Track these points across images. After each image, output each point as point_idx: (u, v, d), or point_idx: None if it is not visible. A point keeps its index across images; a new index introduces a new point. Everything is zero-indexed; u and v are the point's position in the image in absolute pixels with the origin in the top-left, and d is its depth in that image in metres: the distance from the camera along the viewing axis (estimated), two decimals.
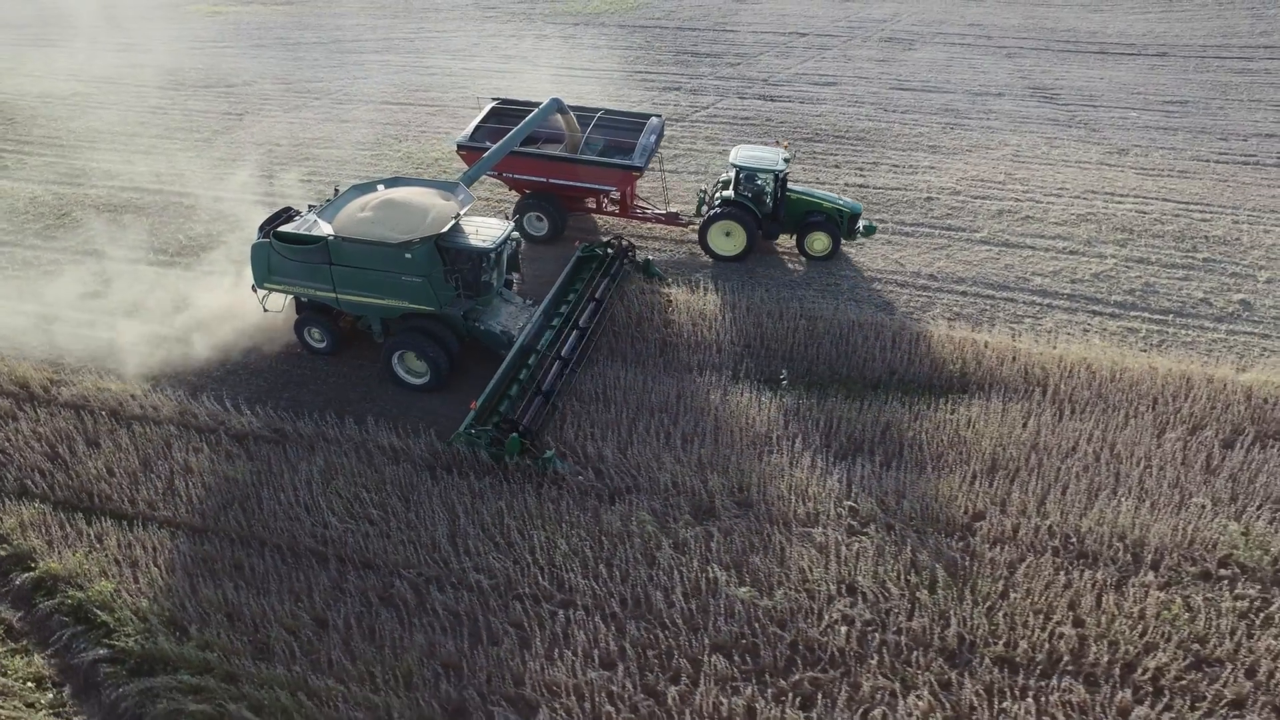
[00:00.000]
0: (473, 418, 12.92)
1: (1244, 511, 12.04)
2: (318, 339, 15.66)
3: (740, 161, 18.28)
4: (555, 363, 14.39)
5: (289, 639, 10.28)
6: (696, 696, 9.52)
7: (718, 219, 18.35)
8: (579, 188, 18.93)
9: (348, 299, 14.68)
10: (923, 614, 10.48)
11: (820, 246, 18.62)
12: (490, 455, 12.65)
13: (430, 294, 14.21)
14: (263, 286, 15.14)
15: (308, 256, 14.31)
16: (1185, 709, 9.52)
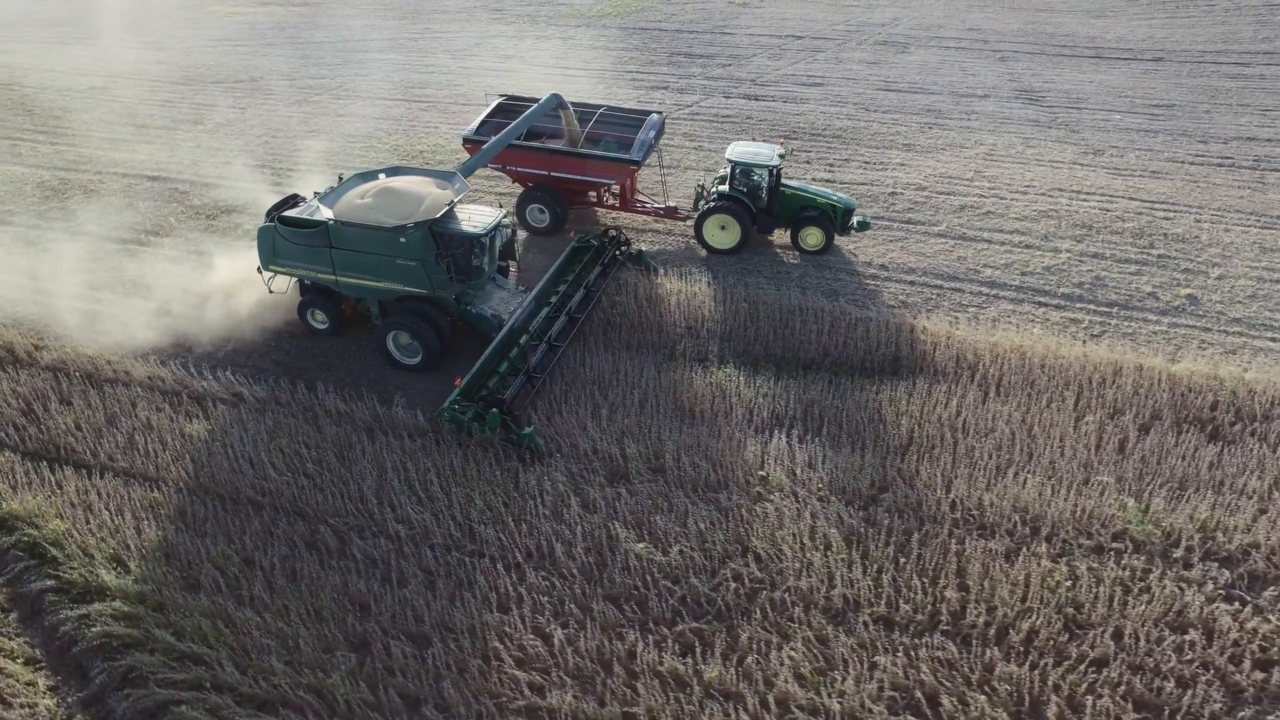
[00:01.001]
0: (457, 394, 13.49)
1: (1145, 490, 12.35)
2: (320, 321, 16.29)
3: (736, 157, 18.75)
4: (540, 345, 14.91)
5: (217, 575, 11.10)
6: (581, 639, 10.13)
7: (713, 213, 18.79)
8: (579, 180, 19.55)
9: (347, 281, 15.33)
10: (812, 575, 10.97)
11: (814, 241, 18.98)
12: (472, 430, 13.11)
13: (423, 277, 14.77)
14: (268, 269, 15.81)
15: (309, 240, 15.00)
16: (1049, 667, 9.89)
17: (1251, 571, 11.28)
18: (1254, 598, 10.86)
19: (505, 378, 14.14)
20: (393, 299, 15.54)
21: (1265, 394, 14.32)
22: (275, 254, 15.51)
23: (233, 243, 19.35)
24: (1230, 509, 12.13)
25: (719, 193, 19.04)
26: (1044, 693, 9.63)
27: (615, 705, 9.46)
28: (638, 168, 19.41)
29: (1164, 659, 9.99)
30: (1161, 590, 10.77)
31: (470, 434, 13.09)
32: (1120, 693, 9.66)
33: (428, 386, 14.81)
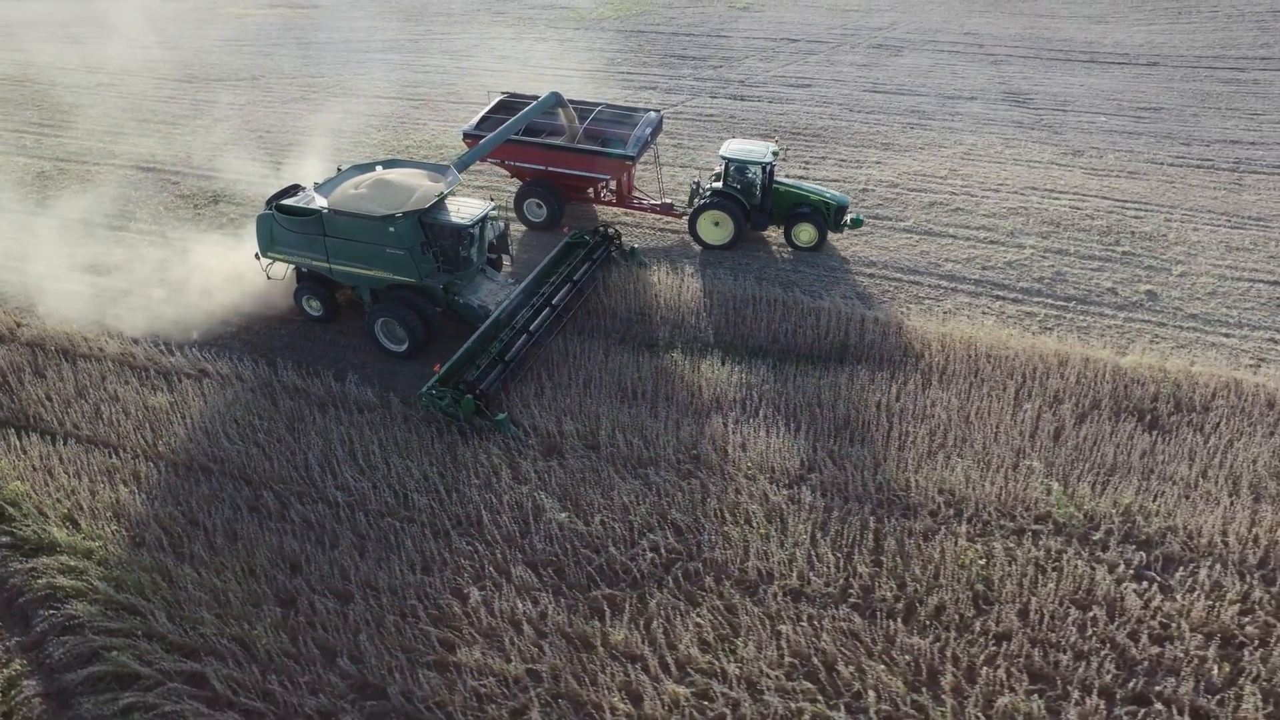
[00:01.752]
0: (436, 380, 13.70)
1: (1072, 476, 12.46)
2: (315, 308, 16.68)
3: (730, 154, 18.98)
4: (522, 336, 15.06)
5: (161, 534, 11.64)
6: (496, 600, 10.50)
7: (707, 208, 18.99)
8: (575, 175, 19.87)
9: (339, 269, 15.73)
10: (729, 548, 11.24)
11: (806, 238, 19.15)
12: (448, 414, 13.35)
13: (412, 266, 15.13)
14: (266, 255, 16.26)
15: (304, 228, 15.45)
16: (951, 640, 10.06)
17: (1167, 554, 11.36)
18: (1164, 578, 10.95)
19: (485, 366, 14.31)
20: (383, 287, 15.76)
21: (1208, 386, 14.36)
22: (273, 241, 15.99)
23: (215, 230, 20.09)
24: (1155, 495, 12.20)
25: (713, 189, 19.28)
26: (942, 664, 9.83)
27: (520, 662, 9.82)
28: (633, 163, 19.71)
29: (1065, 634, 10.14)
30: (1072, 570, 10.91)
31: (448, 417, 13.31)
32: (1017, 664, 9.83)
33: (395, 369, 15.35)
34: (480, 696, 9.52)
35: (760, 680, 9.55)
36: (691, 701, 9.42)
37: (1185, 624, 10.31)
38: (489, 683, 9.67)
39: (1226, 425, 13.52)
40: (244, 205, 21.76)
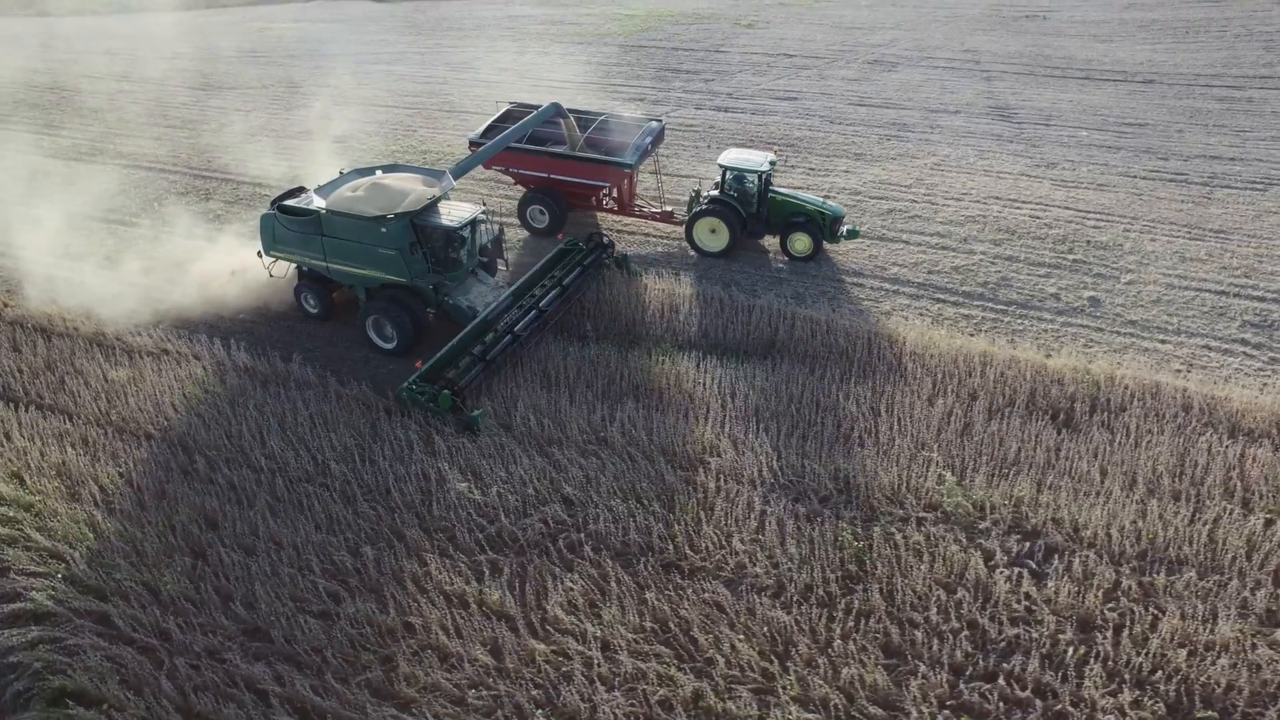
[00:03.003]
0: (416, 376, 14.17)
1: (971, 468, 12.64)
2: (312, 305, 17.29)
3: (727, 162, 19.39)
4: (506, 337, 15.40)
5: (96, 490, 12.53)
6: (388, 559, 11.11)
7: (703, 215, 19.35)
8: (576, 183, 20.44)
9: (336, 268, 16.37)
10: (614, 522, 11.69)
11: (801, 247, 19.37)
12: (426, 409, 13.75)
13: (402, 266, 15.61)
14: (269, 254, 17.00)
15: (303, 228, 16.15)
16: (815, 615, 10.34)
17: (1050, 544, 11.50)
18: (1040, 566, 11.10)
19: (465, 365, 14.70)
20: (376, 286, 16.34)
21: (1128, 389, 14.42)
22: (275, 240, 16.67)
23: (205, 224, 21.33)
24: (1050, 489, 12.35)
25: (710, 196, 19.66)
26: (798, 637, 10.12)
27: (397, 615, 10.40)
28: (632, 171, 20.11)
29: (927, 614, 10.36)
30: (946, 555, 11.13)
31: (427, 412, 13.74)
32: (874, 640, 10.08)
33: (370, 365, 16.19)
34: (354, 643, 10.13)
35: (616, 641, 9.99)
36: (547, 657, 9.89)
37: (1048, 609, 10.46)
38: (366, 631, 10.28)
39: (1139, 426, 13.60)
40: (233, 203, 23.06)
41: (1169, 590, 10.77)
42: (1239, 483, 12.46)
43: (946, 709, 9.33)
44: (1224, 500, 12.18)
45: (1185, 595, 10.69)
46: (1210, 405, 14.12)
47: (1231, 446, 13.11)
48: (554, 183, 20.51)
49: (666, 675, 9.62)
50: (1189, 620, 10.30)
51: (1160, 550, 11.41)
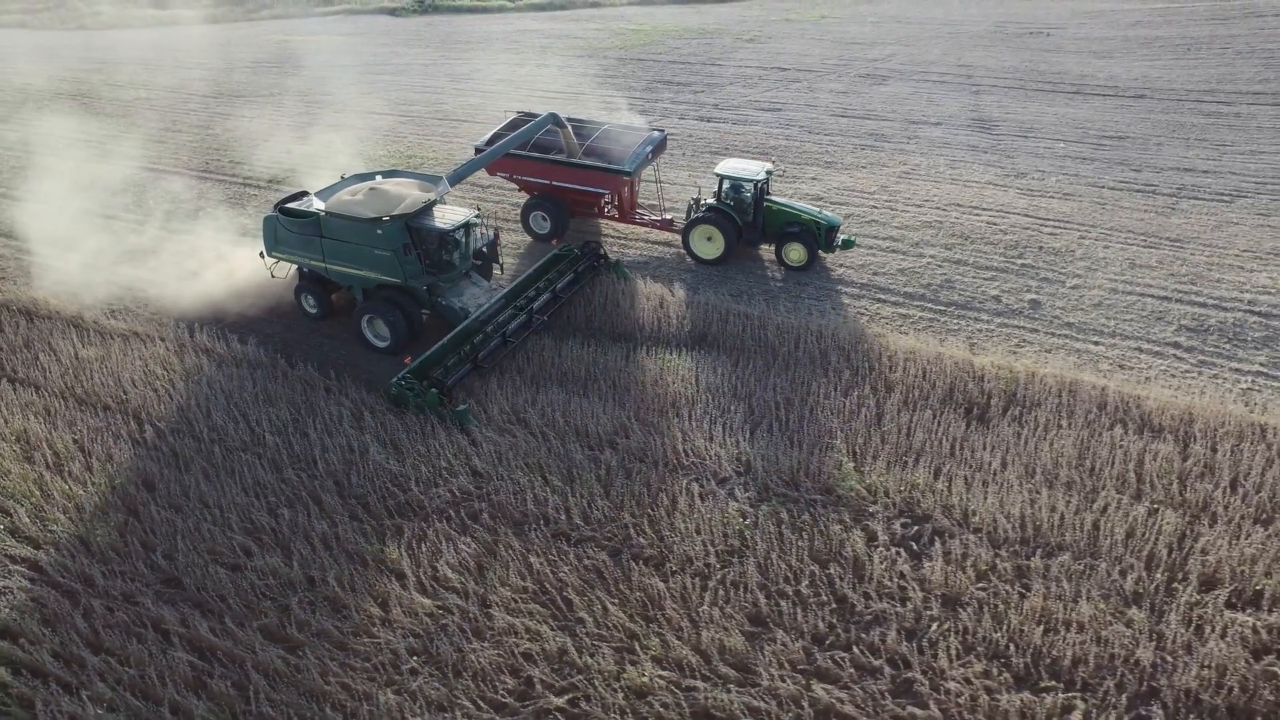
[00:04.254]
0: (405, 372, 14.64)
1: (872, 455, 12.99)
2: (312, 305, 17.77)
3: (724, 172, 19.72)
4: (495, 338, 15.83)
5: (49, 453, 13.51)
6: (301, 519, 11.85)
7: (699, 223, 19.67)
8: (576, 190, 20.97)
9: (335, 269, 16.92)
10: (515, 493, 12.29)
11: (796, 256, 19.52)
12: (414, 404, 14.14)
13: (397, 267, 16.12)
14: (271, 255, 17.56)
15: (304, 230, 16.75)
16: (689, 584, 10.79)
17: (937, 528, 11.81)
18: (922, 548, 11.41)
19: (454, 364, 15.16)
20: (372, 287, 16.81)
21: (1046, 386, 14.65)
22: (277, 242, 17.28)
23: (194, 225, 22.58)
24: (947, 476, 12.65)
25: (707, 205, 20.09)
26: (667, 602, 10.57)
27: (300, 569, 11.10)
28: (630, 178, 20.62)
29: (798, 587, 10.74)
30: (826, 533, 11.51)
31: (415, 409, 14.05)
32: (741, 609, 10.50)
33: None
34: (257, 592, 10.85)
35: (494, 598, 10.56)
36: (430, 611, 10.50)
37: (919, 586, 10.78)
38: (270, 583, 11.00)
39: (1049, 420, 13.82)
40: (226, 204, 24.35)
41: (1042, 572, 11.02)
42: (1134, 475, 12.66)
43: (798, 673, 9.73)
44: (1116, 491, 12.39)
45: (1057, 577, 10.93)
46: (1125, 403, 14.30)
47: (1136, 442, 13.30)
48: (555, 189, 21.07)
49: (535, 631, 10.17)
50: (1051, 600, 10.55)
51: (1043, 535, 11.66)
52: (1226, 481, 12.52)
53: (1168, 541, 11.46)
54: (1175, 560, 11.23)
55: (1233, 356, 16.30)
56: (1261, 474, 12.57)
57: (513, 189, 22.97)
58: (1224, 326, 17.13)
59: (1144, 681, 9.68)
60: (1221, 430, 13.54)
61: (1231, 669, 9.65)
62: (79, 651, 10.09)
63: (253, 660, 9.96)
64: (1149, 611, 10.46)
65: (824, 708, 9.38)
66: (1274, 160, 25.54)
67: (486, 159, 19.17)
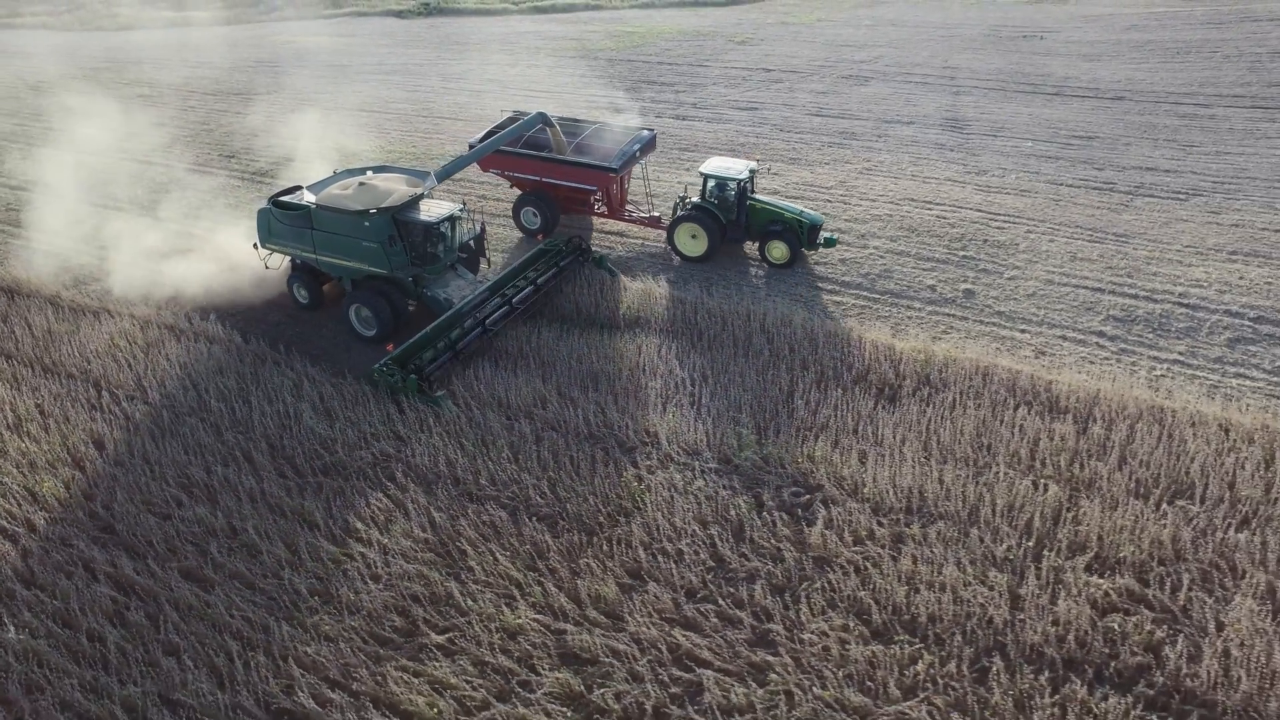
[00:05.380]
0: (387, 359, 15.14)
1: (773, 429, 13.58)
2: (303, 295, 18.38)
3: (707, 170, 20.17)
4: (477, 329, 16.35)
5: (10, 414, 14.56)
6: (233, 475, 12.76)
7: (684, 221, 20.07)
8: (564, 186, 21.60)
9: (325, 260, 17.49)
10: (432, 456, 13.06)
11: (778, 254, 19.87)
12: (394, 389, 14.65)
13: (383, 258, 16.68)
14: (265, 246, 18.11)
15: (296, 222, 17.32)
16: (577, 540, 11.49)
17: (826, 497, 12.39)
18: (806, 514, 11.98)
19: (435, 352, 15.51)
20: (360, 277, 17.42)
21: (962, 369, 15.13)
22: (270, 234, 17.88)
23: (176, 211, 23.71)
24: (845, 450, 13.21)
25: (691, 203, 20.59)
26: (553, 555, 11.26)
27: (224, 518, 11.97)
28: (616, 175, 20.80)
29: (679, 545, 11.39)
30: (714, 498, 12.15)
31: (394, 393, 14.65)
32: (622, 563, 11.17)
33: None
34: (181, 537, 11.73)
35: (393, 547, 11.34)
36: (335, 557, 11.32)
37: (794, 548, 11.35)
38: (196, 529, 11.87)
39: (956, 401, 14.32)
40: (207, 193, 25.50)
41: (918, 539, 11.56)
42: (1028, 452, 13.13)
43: (664, 621, 10.35)
44: (1007, 467, 12.87)
45: (932, 543, 11.47)
46: (1035, 387, 14.75)
47: (1037, 422, 13.77)
48: (545, 186, 21.66)
49: (428, 577, 10.92)
50: (920, 563, 11.08)
51: (927, 506, 12.19)
52: (1115, 459, 12.98)
53: (1046, 513, 11.96)
54: (1048, 529, 11.74)
55: (1154, 346, 16.67)
56: (1150, 452, 12.99)
57: (504, 185, 23.74)
58: (1150, 317, 17.48)
59: (993, 637, 10.21)
60: (1123, 413, 13.98)
61: (1075, 626, 10.15)
62: (11, 586, 11.04)
63: (168, 596, 10.85)
64: (1010, 574, 10.98)
65: (683, 652, 10.03)
66: (1237, 161, 25.69)
67: (474, 156, 19.85)
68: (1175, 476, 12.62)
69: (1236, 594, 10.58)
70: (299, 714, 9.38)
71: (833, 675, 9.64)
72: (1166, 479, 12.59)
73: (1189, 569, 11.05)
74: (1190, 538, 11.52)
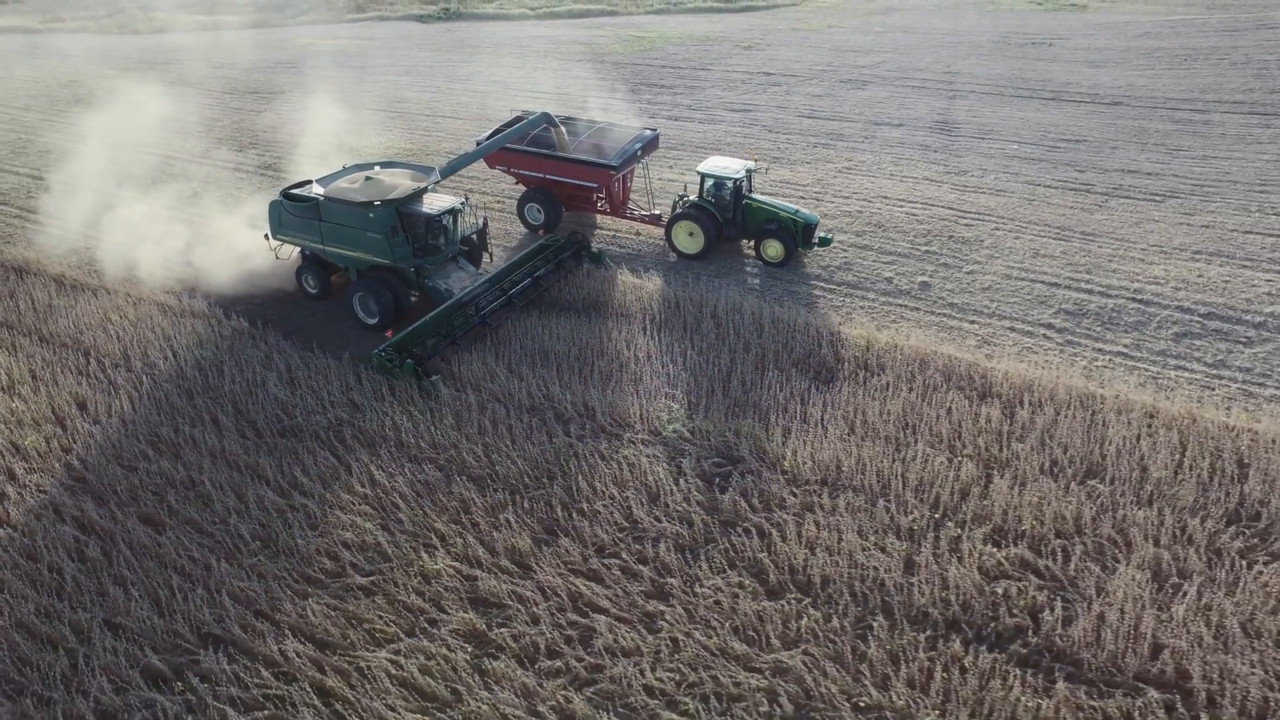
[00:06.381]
0: (387, 344, 15.78)
1: (704, 406, 14.19)
2: (312, 285, 19.03)
3: (705, 170, 20.70)
4: (473, 317, 17.03)
5: (5, 377, 15.80)
6: (198, 435, 13.78)
7: (681, 219, 20.59)
8: (566, 183, 22.32)
9: (332, 250, 18.26)
10: (381, 421, 13.93)
11: (773, 253, 20.25)
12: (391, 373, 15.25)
13: (386, 248, 17.41)
14: (276, 237, 18.91)
15: (305, 214, 18.12)
16: (502, 498, 12.22)
17: (746, 468, 12.97)
18: (723, 483, 12.55)
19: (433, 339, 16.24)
20: (365, 267, 18.10)
21: (903, 356, 15.59)
22: (281, 225, 18.66)
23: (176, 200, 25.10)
24: (772, 426, 13.77)
25: (689, 202, 21.17)
26: (476, 510, 12.03)
27: (186, 471, 12.98)
28: (615, 173, 21.21)
29: (595, 505, 12.08)
30: (638, 465, 12.79)
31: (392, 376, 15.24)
32: (538, 519, 11.91)
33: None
34: (145, 487, 12.73)
35: (333, 500, 12.20)
36: (279, 506, 12.23)
37: (704, 512, 11.94)
38: (159, 481, 12.88)
39: (890, 384, 14.78)
40: (210, 184, 26.91)
41: (828, 509, 12.06)
42: (952, 432, 13.54)
43: (569, 571, 11.02)
44: (928, 446, 13.30)
45: (840, 512, 11.97)
46: (971, 373, 15.15)
47: (966, 405, 14.17)
48: (549, 183, 22.36)
49: (361, 527, 11.75)
50: (823, 529, 11.59)
51: (842, 478, 12.69)
52: (1035, 440, 13.35)
53: (956, 488, 12.40)
54: (955, 503, 12.16)
55: (1100, 338, 16.93)
56: (1070, 436, 13.35)
57: (509, 182, 24.53)
58: (1101, 311, 17.73)
59: (881, 598, 10.69)
60: (1052, 399, 14.31)
61: (962, 590, 10.58)
62: None
63: (125, 536, 11.85)
64: (910, 543, 11.44)
65: (583, 600, 10.69)
66: (1222, 165, 25.63)
67: (478, 154, 20.69)
68: (1090, 458, 12.99)
69: (1122, 565, 10.94)
70: (225, 638, 10.30)
71: (720, 626, 10.24)
72: (1081, 460, 12.96)
73: (1084, 542, 11.44)
74: (1092, 514, 11.89)
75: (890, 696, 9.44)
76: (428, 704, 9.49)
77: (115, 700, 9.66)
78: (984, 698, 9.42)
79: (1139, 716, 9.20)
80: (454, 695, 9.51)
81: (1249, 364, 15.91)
